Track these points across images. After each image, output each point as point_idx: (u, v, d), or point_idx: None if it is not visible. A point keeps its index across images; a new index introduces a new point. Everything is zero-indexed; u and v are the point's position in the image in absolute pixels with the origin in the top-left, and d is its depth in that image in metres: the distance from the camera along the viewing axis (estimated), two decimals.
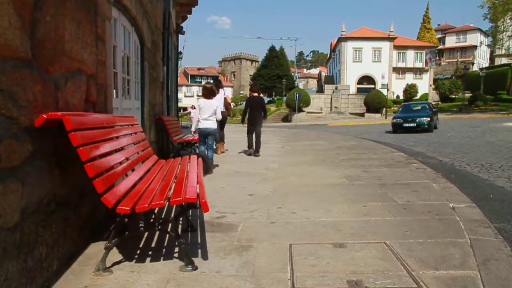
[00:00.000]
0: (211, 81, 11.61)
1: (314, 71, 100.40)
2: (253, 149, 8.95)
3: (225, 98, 9.26)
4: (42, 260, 2.37)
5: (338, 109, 43.96)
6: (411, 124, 17.19)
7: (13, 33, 2.04)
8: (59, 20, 2.65)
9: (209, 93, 6.69)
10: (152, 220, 2.83)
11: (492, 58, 65.15)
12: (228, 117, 10.36)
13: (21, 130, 2.15)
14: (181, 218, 3.67)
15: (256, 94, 9.30)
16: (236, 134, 14.03)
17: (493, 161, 7.75)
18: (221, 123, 8.59)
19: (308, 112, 40.33)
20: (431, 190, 5.00)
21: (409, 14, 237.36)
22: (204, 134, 6.72)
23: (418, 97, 47.24)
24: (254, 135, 8.94)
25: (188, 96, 77.13)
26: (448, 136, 14.04)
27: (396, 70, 51.39)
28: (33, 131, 2.27)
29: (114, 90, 4.52)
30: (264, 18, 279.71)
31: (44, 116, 2.30)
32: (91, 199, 3.20)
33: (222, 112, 7.75)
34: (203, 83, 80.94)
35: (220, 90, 8.48)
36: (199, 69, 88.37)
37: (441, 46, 67.65)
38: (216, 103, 6.83)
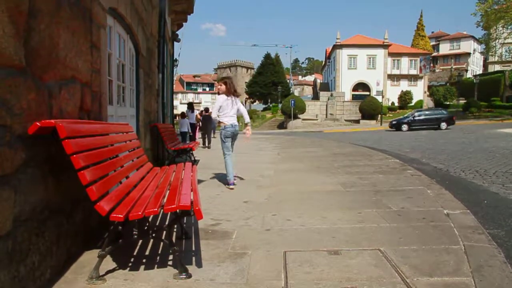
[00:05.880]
0: (192, 102, 22.46)
1: (309, 78, 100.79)
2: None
3: (196, 115, 16.74)
4: (35, 269, 2.35)
5: (334, 116, 44.13)
6: None
7: (7, 41, 2.05)
8: (53, 28, 2.65)
9: (192, 109, 16.51)
10: (146, 228, 2.82)
11: (485, 65, 65.67)
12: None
13: (14, 137, 2.14)
14: (175, 226, 3.66)
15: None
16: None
17: (487, 167, 7.80)
18: (193, 131, 15.97)
19: (303, 119, 40.42)
20: (426, 196, 5.02)
21: (403, 21, 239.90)
22: (190, 125, 15.78)
23: (413, 104, 47.57)
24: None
25: (184, 103, 77.00)
26: (442, 143, 14.11)
27: (391, 77, 51.71)
28: (26, 138, 2.26)
29: (109, 98, 4.52)
30: (259, 26, 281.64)
31: (38, 123, 2.29)
32: (84, 207, 3.19)
33: (193, 123, 15.96)
34: (198, 90, 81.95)
35: (195, 111, 16.80)
36: (194, 76, 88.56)
37: (435, 53, 68.24)
38: (195, 114, 16.50)
